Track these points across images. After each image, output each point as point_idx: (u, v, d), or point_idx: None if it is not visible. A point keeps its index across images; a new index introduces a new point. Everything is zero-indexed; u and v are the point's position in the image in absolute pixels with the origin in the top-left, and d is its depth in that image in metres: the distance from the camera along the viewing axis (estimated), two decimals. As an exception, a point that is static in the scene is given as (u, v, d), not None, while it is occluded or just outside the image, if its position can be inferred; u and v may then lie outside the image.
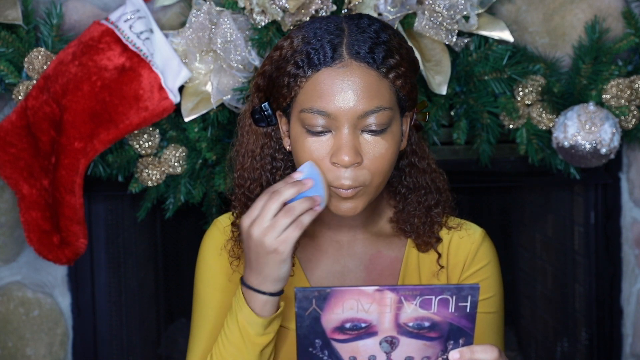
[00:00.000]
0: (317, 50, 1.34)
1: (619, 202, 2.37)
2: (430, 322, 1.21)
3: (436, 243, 1.49)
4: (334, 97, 1.33)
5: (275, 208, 1.31)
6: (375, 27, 1.37)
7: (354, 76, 1.33)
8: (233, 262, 1.49)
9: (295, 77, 1.35)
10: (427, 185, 1.48)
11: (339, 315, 1.20)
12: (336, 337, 1.21)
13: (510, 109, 2.17)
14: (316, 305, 1.19)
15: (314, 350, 1.22)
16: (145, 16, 2.14)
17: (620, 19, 2.24)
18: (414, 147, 1.47)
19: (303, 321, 1.20)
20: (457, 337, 1.23)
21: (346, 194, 1.36)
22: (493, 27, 2.15)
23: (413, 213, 1.48)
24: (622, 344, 2.42)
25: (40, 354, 2.40)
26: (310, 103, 1.34)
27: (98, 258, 2.41)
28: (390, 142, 1.36)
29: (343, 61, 1.33)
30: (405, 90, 1.37)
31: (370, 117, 1.33)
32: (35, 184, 2.18)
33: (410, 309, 1.20)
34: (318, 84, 1.34)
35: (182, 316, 3.07)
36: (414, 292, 1.19)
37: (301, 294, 1.19)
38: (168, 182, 2.22)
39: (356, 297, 1.19)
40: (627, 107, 2.17)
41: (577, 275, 2.52)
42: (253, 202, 1.37)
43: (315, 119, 1.34)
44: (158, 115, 2.12)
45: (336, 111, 1.33)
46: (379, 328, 1.21)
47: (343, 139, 1.33)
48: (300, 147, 1.37)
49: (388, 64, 1.34)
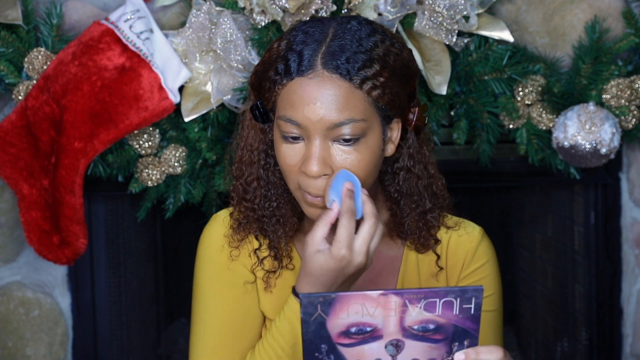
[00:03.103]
0: (295, 59, 1.35)
1: (619, 202, 2.37)
2: (435, 324, 1.22)
3: (434, 245, 1.50)
4: (303, 108, 1.34)
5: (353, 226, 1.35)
6: (362, 33, 1.36)
7: (324, 87, 1.33)
8: (232, 252, 1.49)
9: (274, 83, 1.37)
10: (420, 192, 1.47)
11: (344, 320, 1.21)
12: (342, 342, 1.23)
13: (510, 109, 2.17)
14: (321, 310, 1.20)
15: (320, 355, 1.23)
16: (145, 16, 2.14)
17: (620, 19, 2.24)
18: (411, 151, 1.46)
19: (309, 327, 1.21)
20: (462, 338, 1.24)
21: (313, 200, 1.38)
22: (493, 27, 2.15)
23: (406, 218, 1.48)
24: (622, 344, 2.42)
25: (40, 354, 2.40)
26: (283, 111, 1.36)
27: (98, 258, 2.41)
28: (364, 153, 1.36)
29: (315, 71, 1.34)
30: (385, 99, 1.36)
31: (340, 128, 1.34)
32: (35, 184, 2.18)
33: (415, 312, 1.21)
34: (291, 93, 1.35)
35: (182, 316, 3.07)
36: (418, 295, 1.21)
37: (306, 300, 1.20)
38: (168, 182, 2.22)
39: (361, 301, 1.20)
40: (627, 107, 2.17)
41: (577, 275, 2.52)
42: (251, 195, 1.44)
43: (288, 127, 1.36)
44: (158, 115, 2.12)
45: (305, 122, 1.34)
46: (384, 332, 1.22)
47: (312, 149, 1.35)
48: (277, 152, 1.39)
49: (362, 75, 1.34)
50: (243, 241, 1.49)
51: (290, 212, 1.47)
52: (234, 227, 1.49)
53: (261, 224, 1.48)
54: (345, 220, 1.34)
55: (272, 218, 1.47)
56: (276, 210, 1.47)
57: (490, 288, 1.49)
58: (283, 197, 1.47)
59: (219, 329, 1.47)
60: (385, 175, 1.47)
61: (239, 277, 1.49)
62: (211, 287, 1.49)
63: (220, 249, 1.50)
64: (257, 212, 1.47)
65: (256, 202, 1.47)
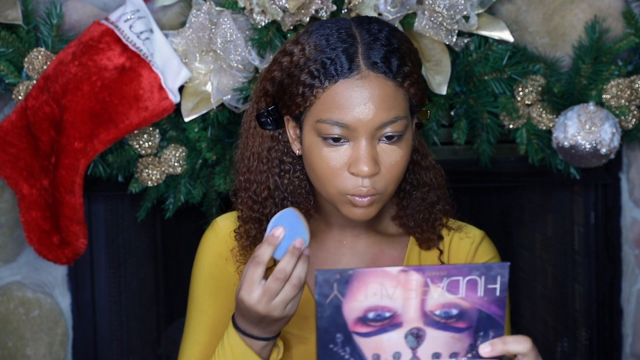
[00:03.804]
0: (333, 60, 1.33)
1: (619, 202, 2.37)
2: (459, 309, 1.15)
3: (438, 240, 1.50)
4: (352, 109, 1.32)
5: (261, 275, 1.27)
6: (386, 32, 1.37)
7: (372, 87, 1.33)
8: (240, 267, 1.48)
9: (310, 87, 1.34)
10: (430, 182, 1.49)
11: (362, 303, 1.14)
12: (358, 331, 1.15)
13: (510, 109, 2.17)
14: (338, 290, 1.13)
15: (335, 347, 1.15)
16: (145, 16, 2.14)
17: (620, 19, 2.24)
18: (417, 145, 1.48)
19: (324, 311, 1.14)
20: (487, 327, 1.16)
21: (362, 202, 1.36)
22: (493, 27, 2.15)
23: (417, 209, 1.48)
24: (622, 344, 2.42)
25: (40, 354, 2.40)
26: (327, 114, 1.34)
27: (98, 258, 2.41)
28: (405, 150, 1.37)
29: (360, 72, 1.33)
30: (418, 96, 1.38)
31: (387, 127, 1.34)
32: (35, 184, 2.18)
33: (437, 293, 1.14)
34: (336, 95, 1.33)
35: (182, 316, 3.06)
36: (441, 272, 1.13)
37: (322, 277, 1.12)
38: (168, 182, 2.22)
39: (380, 279, 1.13)
40: (627, 107, 2.17)
41: (577, 275, 2.52)
42: (259, 206, 1.41)
43: (332, 130, 1.33)
44: (158, 115, 2.12)
45: (354, 123, 1.33)
46: (404, 318, 1.15)
47: (362, 149, 1.33)
48: (316, 157, 1.36)
49: (403, 73, 1.34)
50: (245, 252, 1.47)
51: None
52: (245, 245, 1.46)
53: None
54: (272, 279, 1.27)
55: None
56: None
57: None
58: (303, 204, 1.44)
59: (209, 329, 1.47)
60: None
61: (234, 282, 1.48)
62: (202, 292, 1.49)
63: (215, 256, 1.49)
64: (264, 224, 1.44)
65: (266, 212, 1.44)
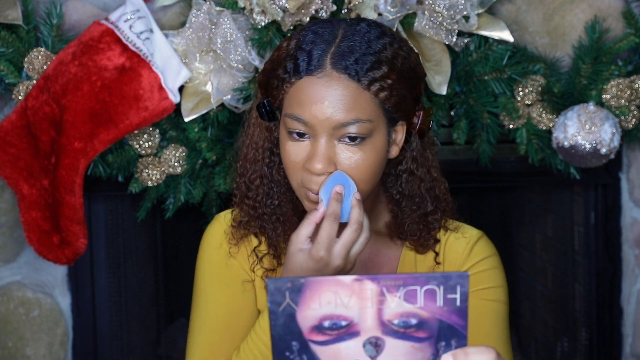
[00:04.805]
0: (304, 57, 1.36)
1: (619, 202, 2.37)
2: (418, 318, 1.10)
3: (434, 244, 1.50)
4: (310, 106, 1.35)
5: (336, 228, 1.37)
6: (371, 35, 1.38)
7: (332, 87, 1.35)
8: (231, 249, 1.50)
9: (282, 81, 1.38)
10: (422, 194, 1.48)
11: (316, 312, 1.09)
12: (315, 339, 1.10)
13: (510, 109, 2.17)
14: (290, 299, 1.08)
15: (292, 354, 1.10)
16: (145, 16, 2.14)
17: (620, 19, 2.24)
18: (415, 154, 1.47)
19: (277, 319, 1.09)
20: (449, 337, 1.12)
21: (315, 198, 1.39)
22: (493, 27, 2.15)
23: (407, 219, 1.48)
24: (622, 344, 2.42)
25: (40, 354, 2.40)
26: (291, 109, 1.37)
27: (98, 258, 2.41)
28: (369, 153, 1.37)
29: (324, 71, 1.35)
30: (392, 102, 1.37)
31: (346, 127, 1.35)
32: (35, 184, 2.18)
33: (394, 302, 1.09)
34: (298, 92, 1.36)
35: (182, 316, 3.07)
36: (397, 281, 1.08)
37: (273, 286, 1.07)
38: (168, 182, 2.22)
39: (333, 288, 1.09)
40: (627, 107, 2.17)
41: (577, 275, 2.52)
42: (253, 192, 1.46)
43: (294, 125, 1.37)
44: (158, 115, 2.12)
45: (312, 120, 1.35)
46: (361, 327, 1.10)
47: (318, 147, 1.36)
48: (282, 149, 1.41)
49: (371, 76, 1.35)
50: (243, 240, 1.51)
51: (291, 211, 1.48)
52: (235, 226, 1.51)
53: (261, 221, 1.49)
54: (327, 223, 1.36)
55: (273, 216, 1.48)
56: (277, 209, 1.48)
57: (492, 281, 1.48)
58: (285, 195, 1.48)
59: (215, 326, 1.48)
60: (388, 177, 1.49)
61: (237, 275, 1.50)
62: (209, 284, 1.50)
63: (219, 247, 1.51)
64: (257, 210, 1.48)
65: (258, 199, 1.48)
